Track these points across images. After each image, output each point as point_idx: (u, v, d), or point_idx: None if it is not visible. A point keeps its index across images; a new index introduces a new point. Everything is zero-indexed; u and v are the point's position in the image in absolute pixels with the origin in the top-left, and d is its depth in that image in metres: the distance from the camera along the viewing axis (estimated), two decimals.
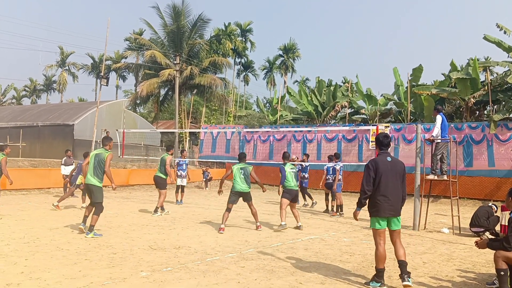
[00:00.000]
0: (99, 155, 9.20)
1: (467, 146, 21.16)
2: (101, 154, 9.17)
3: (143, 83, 32.74)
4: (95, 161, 9.13)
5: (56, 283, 5.49)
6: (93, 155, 9.25)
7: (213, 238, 9.10)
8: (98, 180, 9.12)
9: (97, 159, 9.15)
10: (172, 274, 6.13)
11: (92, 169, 9.11)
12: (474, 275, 6.77)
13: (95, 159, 9.16)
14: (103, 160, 9.11)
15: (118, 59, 55.90)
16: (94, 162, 9.13)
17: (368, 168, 5.95)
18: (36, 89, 72.10)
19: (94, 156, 9.24)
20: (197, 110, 46.64)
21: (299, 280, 6.06)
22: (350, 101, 30.78)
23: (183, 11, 32.62)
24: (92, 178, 9.07)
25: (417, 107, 27.80)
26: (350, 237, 10.07)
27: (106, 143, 9.41)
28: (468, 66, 26.10)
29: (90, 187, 9.10)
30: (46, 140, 28.58)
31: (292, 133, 26.50)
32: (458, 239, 10.25)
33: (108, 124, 26.07)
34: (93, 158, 9.18)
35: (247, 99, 67.97)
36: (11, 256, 6.79)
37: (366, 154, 23.75)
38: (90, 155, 9.64)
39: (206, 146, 30.00)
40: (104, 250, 7.50)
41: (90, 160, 9.25)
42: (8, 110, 39.32)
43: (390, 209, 5.87)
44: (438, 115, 11.54)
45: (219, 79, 34.60)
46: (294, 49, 64.18)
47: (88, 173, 9.17)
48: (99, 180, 9.13)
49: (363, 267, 6.99)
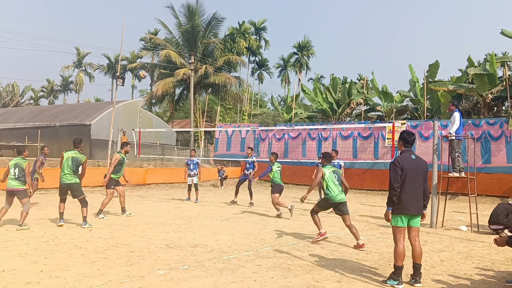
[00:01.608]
0: (75, 158, 9.96)
1: (485, 142, 20.88)
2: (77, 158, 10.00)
3: (159, 83, 32.98)
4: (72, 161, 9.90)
5: (75, 281, 5.56)
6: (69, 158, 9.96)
7: (229, 237, 9.13)
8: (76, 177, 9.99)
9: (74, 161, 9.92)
10: (189, 272, 6.17)
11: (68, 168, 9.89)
12: (493, 273, 6.68)
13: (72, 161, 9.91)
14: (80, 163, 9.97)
15: (133, 59, 56.33)
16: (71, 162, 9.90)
17: (395, 165, 5.93)
18: (53, 89, 73.02)
19: (70, 158, 9.96)
20: (212, 109, 46.78)
21: (316, 278, 6.05)
22: (365, 98, 30.59)
23: (197, 11, 32.74)
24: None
25: (433, 104, 27.52)
26: (367, 235, 10.02)
27: (77, 145, 10.20)
28: (485, 62, 25.80)
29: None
30: (63, 140, 28.89)
31: (307, 131, 26.41)
32: (476, 236, 10.12)
33: (124, 124, 26.26)
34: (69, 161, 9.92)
35: (261, 97, 67.94)
36: (31, 255, 6.90)
37: (382, 152, 23.58)
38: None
39: (221, 145, 30.09)
40: (122, 249, 7.58)
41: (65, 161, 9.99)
42: (26, 111, 39.88)
43: (414, 206, 5.88)
44: (456, 112, 11.39)
45: (234, 77, 34.67)
46: (309, 47, 63.94)
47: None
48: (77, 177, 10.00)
49: (380, 265, 6.96)
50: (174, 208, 14.13)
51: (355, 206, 16.40)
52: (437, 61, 27.07)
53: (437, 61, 27.08)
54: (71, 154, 9.96)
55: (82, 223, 9.84)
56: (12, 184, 9.43)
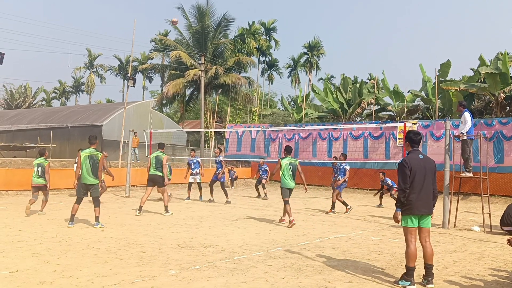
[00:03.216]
0: (92, 156, 10.02)
1: (497, 142, 20.67)
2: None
3: (169, 84, 33.07)
4: (89, 161, 9.96)
5: (88, 281, 5.61)
6: (86, 157, 10.00)
7: (240, 237, 9.15)
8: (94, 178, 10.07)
9: (91, 160, 9.99)
10: (200, 272, 6.19)
11: (90, 169, 9.97)
12: (506, 273, 6.62)
13: (89, 160, 9.97)
14: (97, 161, 10.03)
15: (144, 60, 56.65)
16: (89, 162, 9.96)
17: (403, 166, 5.90)
18: (65, 91, 73.71)
19: (87, 157, 10.00)
20: (222, 109, 46.84)
21: (327, 279, 6.04)
22: (376, 98, 30.48)
23: (207, 11, 32.80)
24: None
25: (445, 103, 27.34)
26: (378, 235, 9.98)
27: (93, 141, 10.23)
28: (497, 61, 25.53)
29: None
30: (75, 141, 29.16)
31: (318, 131, 26.35)
32: (489, 237, 10.03)
33: (136, 125, 26.44)
34: (87, 159, 9.97)
35: (271, 97, 67.87)
36: (44, 255, 6.97)
37: (393, 152, 23.45)
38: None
39: (231, 145, 30.13)
40: (134, 249, 7.63)
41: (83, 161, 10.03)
42: (38, 112, 40.27)
43: (423, 206, 5.85)
44: (466, 112, 11.33)
45: (244, 78, 34.67)
46: (319, 47, 63.81)
47: (86, 172, 9.98)
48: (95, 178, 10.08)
49: (391, 266, 6.92)
50: (185, 208, 14.19)
51: (366, 207, 16.34)
52: (449, 60, 26.92)
53: (448, 60, 26.92)
54: (88, 152, 10.02)
55: (94, 223, 9.92)
56: (37, 181, 11.36)
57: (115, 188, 18.95)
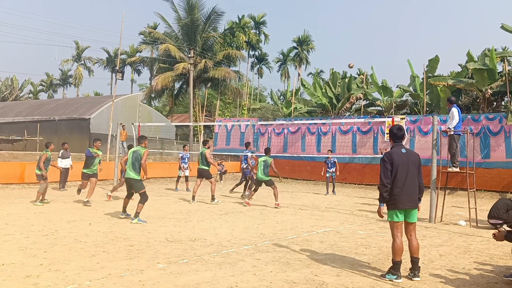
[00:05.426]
0: (136, 151, 9.99)
1: (484, 137, 20.87)
2: (138, 151, 9.97)
3: (158, 77, 32.86)
4: (132, 157, 9.92)
5: (75, 275, 5.58)
6: (131, 152, 10.05)
7: (228, 231, 9.16)
8: (136, 174, 9.91)
9: (134, 155, 9.97)
10: (188, 266, 6.19)
11: (131, 164, 9.90)
12: (491, 267, 6.71)
13: (132, 155, 9.95)
14: (140, 156, 9.89)
15: (133, 53, 56.18)
16: (132, 158, 9.92)
17: (384, 161, 5.94)
18: (52, 83, 72.83)
19: (132, 152, 10.03)
20: (211, 103, 46.71)
21: (315, 272, 6.07)
22: (365, 93, 30.53)
23: (196, 4, 32.59)
24: (131, 172, 9.89)
25: (433, 99, 27.48)
26: (366, 229, 10.05)
27: (142, 141, 10.18)
28: (485, 57, 25.71)
29: (129, 180, 10.01)
30: (63, 134, 28.92)
31: (307, 125, 26.39)
32: (475, 231, 10.15)
33: (124, 118, 26.26)
34: (131, 155, 9.99)
35: (261, 92, 67.86)
36: (31, 249, 6.92)
37: (381, 147, 23.57)
38: (128, 152, 10.55)
39: (220, 139, 30.05)
40: (122, 243, 7.60)
41: (129, 156, 10.06)
42: (25, 105, 39.86)
43: (408, 200, 5.87)
44: (454, 108, 11.41)
45: (233, 72, 34.56)
46: (308, 41, 63.70)
47: (128, 168, 9.97)
48: (136, 174, 9.92)
49: (379, 260, 6.98)
50: (174, 202, 14.16)
51: (354, 200, 16.44)
52: (437, 56, 27.00)
53: (437, 56, 27.01)
54: (133, 149, 10.18)
55: (131, 217, 9.95)
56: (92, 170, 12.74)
57: (103, 182, 18.82)
